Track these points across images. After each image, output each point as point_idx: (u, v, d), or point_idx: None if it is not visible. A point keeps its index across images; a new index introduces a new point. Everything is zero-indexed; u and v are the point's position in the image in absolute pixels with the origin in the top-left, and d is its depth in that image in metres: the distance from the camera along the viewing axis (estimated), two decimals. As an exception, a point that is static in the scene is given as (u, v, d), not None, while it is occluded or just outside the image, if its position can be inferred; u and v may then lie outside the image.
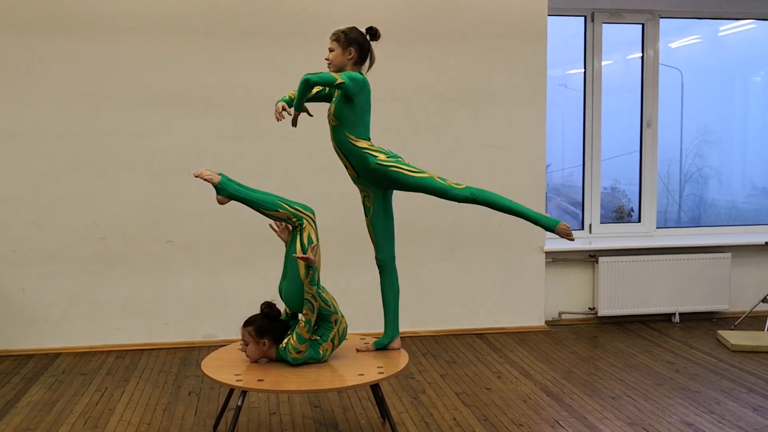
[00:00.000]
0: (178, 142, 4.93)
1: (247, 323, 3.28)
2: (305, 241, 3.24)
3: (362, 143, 3.34)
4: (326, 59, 3.42)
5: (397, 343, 3.53)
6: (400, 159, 3.37)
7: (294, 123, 3.39)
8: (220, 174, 3.29)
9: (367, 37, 3.42)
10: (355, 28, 3.40)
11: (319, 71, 3.45)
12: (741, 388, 4.11)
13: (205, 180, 3.27)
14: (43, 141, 4.81)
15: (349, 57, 3.37)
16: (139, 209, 4.92)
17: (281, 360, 3.28)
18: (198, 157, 4.95)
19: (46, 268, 4.87)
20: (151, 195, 4.93)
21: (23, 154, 4.80)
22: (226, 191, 3.28)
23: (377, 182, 3.39)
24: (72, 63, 4.80)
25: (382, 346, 3.51)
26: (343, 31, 3.37)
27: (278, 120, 3.25)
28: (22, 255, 4.84)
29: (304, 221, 3.27)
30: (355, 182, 3.48)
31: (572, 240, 3.38)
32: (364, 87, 3.31)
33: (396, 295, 3.56)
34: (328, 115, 3.41)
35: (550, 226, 3.38)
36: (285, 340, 3.24)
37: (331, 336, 3.30)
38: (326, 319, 3.32)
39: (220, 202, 3.33)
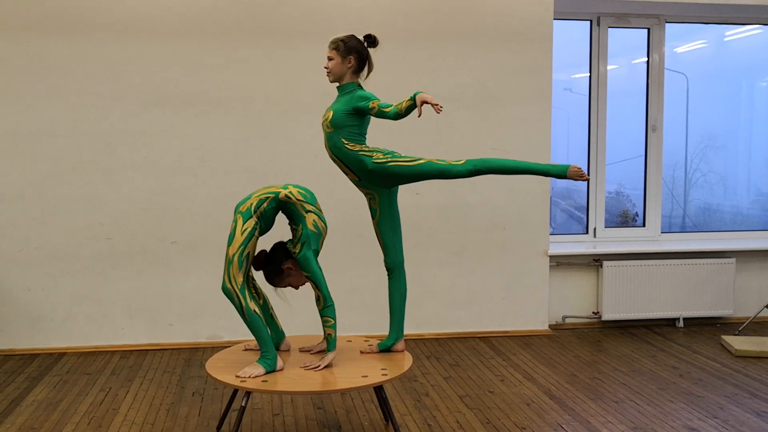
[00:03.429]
0: (183, 143, 4.95)
1: (267, 273, 3.32)
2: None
3: (357, 147, 3.34)
4: (325, 68, 3.40)
5: (401, 345, 3.54)
6: (395, 153, 3.36)
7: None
8: None
9: (365, 44, 3.41)
10: (353, 36, 3.39)
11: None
12: (744, 393, 4.11)
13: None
14: (48, 141, 4.83)
15: (349, 65, 3.36)
16: (144, 209, 4.94)
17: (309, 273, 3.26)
18: (203, 157, 4.97)
19: (52, 268, 4.88)
20: (156, 195, 4.95)
21: (29, 153, 4.83)
22: None
23: (379, 182, 3.39)
24: (78, 63, 4.82)
25: (386, 348, 3.52)
26: (341, 40, 3.36)
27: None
28: (27, 254, 4.86)
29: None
30: (358, 186, 3.48)
31: (587, 179, 3.35)
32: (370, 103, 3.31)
33: (403, 297, 3.56)
34: (324, 121, 3.38)
35: (561, 173, 3.31)
36: (297, 248, 3.25)
37: (302, 212, 3.27)
38: (281, 207, 3.30)
39: None
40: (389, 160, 3.32)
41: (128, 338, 4.98)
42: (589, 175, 5.61)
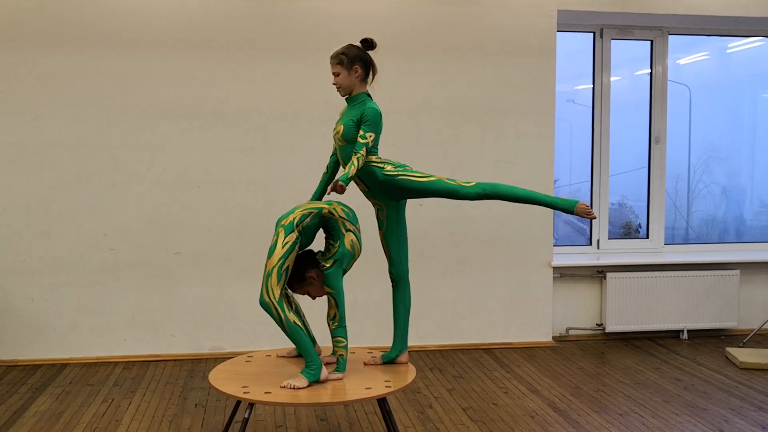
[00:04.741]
0: (187, 155, 4.96)
1: (289, 277, 3.27)
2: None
3: (369, 157, 3.34)
4: (334, 84, 3.38)
5: (404, 357, 3.53)
6: (407, 167, 3.36)
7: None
8: None
9: (365, 49, 3.40)
10: (351, 45, 3.38)
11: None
12: (749, 406, 4.09)
13: None
14: (53, 152, 4.85)
15: (356, 75, 3.34)
16: (147, 221, 4.95)
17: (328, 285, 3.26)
18: (207, 169, 4.98)
19: (55, 279, 4.89)
20: (159, 207, 4.95)
21: (34, 164, 4.84)
22: None
23: (388, 194, 3.39)
24: (83, 76, 4.84)
25: (389, 360, 3.50)
26: (342, 53, 3.34)
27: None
28: (31, 265, 4.86)
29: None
30: (367, 197, 3.48)
31: (594, 218, 3.34)
32: (381, 121, 3.30)
33: (407, 309, 3.55)
34: (335, 134, 3.37)
35: (568, 208, 3.31)
36: (328, 263, 3.25)
37: (342, 230, 3.27)
38: (323, 223, 3.29)
39: None
40: (400, 173, 3.32)
41: (131, 349, 4.98)
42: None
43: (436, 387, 4.39)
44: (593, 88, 5.71)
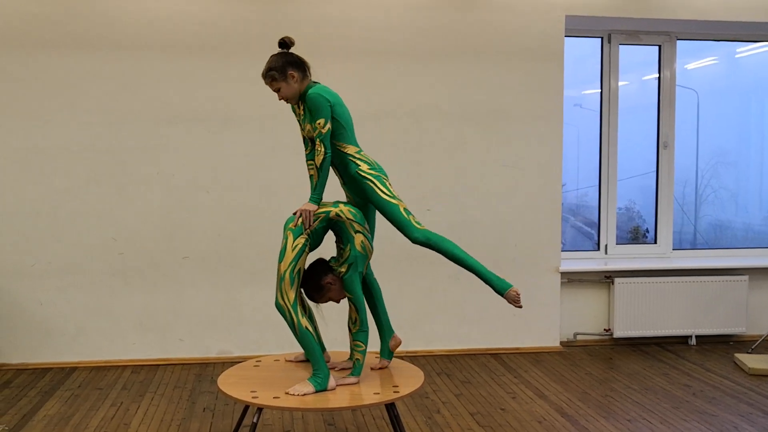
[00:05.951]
0: (195, 159, 4.97)
1: (307, 288, 3.27)
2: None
3: (350, 149, 3.31)
4: (281, 100, 3.31)
5: (395, 340, 3.48)
6: (381, 177, 3.29)
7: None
8: None
9: (287, 51, 3.32)
10: (271, 57, 3.29)
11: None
12: (758, 412, 4.07)
13: None
14: (62, 156, 4.87)
15: (294, 80, 3.25)
16: (156, 225, 4.96)
17: (349, 287, 3.25)
18: (215, 173, 4.99)
19: (64, 282, 4.91)
20: (168, 210, 4.97)
21: (43, 169, 4.86)
22: None
23: (355, 190, 3.36)
24: (92, 80, 4.86)
25: (387, 353, 3.50)
26: (270, 68, 3.25)
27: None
28: (40, 268, 4.88)
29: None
30: (342, 186, 3.46)
31: (520, 307, 3.27)
32: (332, 105, 3.22)
33: (379, 297, 3.49)
34: (308, 133, 3.29)
35: (500, 290, 3.25)
36: (343, 268, 3.24)
37: (351, 232, 3.25)
38: (330, 226, 3.27)
39: None
40: (370, 178, 3.27)
41: (139, 353, 4.99)
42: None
43: (444, 392, 4.39)
44: (601, 92, 5.71)
